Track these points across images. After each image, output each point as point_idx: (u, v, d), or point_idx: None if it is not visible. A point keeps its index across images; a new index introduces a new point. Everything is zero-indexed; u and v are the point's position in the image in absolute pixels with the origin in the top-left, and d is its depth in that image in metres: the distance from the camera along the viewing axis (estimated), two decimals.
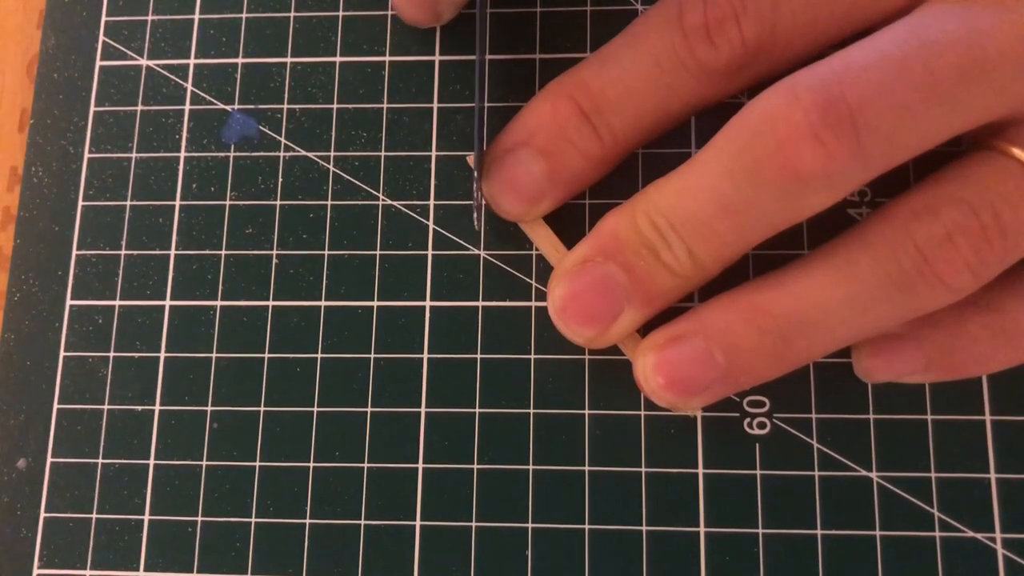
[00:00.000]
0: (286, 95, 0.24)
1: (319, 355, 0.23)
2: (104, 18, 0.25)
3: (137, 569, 0.22)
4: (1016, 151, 0.18)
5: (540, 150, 0.21)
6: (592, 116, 0.20)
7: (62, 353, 0.23)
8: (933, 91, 0.17)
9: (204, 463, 0.22)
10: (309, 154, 0.24)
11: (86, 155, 0.24)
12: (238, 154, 0.24)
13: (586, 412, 0.22)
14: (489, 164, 0.21)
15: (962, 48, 0.17)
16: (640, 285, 0.20)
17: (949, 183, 0.18)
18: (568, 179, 0.21)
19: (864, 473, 0.21)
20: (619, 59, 0.20)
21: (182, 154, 0.24)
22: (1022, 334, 0.19)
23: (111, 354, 0.23)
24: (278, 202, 0.24)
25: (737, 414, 0.22)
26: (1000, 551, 0.20)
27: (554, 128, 0.21)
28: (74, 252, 0.24)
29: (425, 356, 0.22)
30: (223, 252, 0.23)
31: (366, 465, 0.22)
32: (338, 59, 0.24)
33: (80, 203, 0.24)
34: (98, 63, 0.25)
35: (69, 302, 0.23)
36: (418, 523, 0.21)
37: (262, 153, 0.24)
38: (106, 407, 0.23)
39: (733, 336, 0.19)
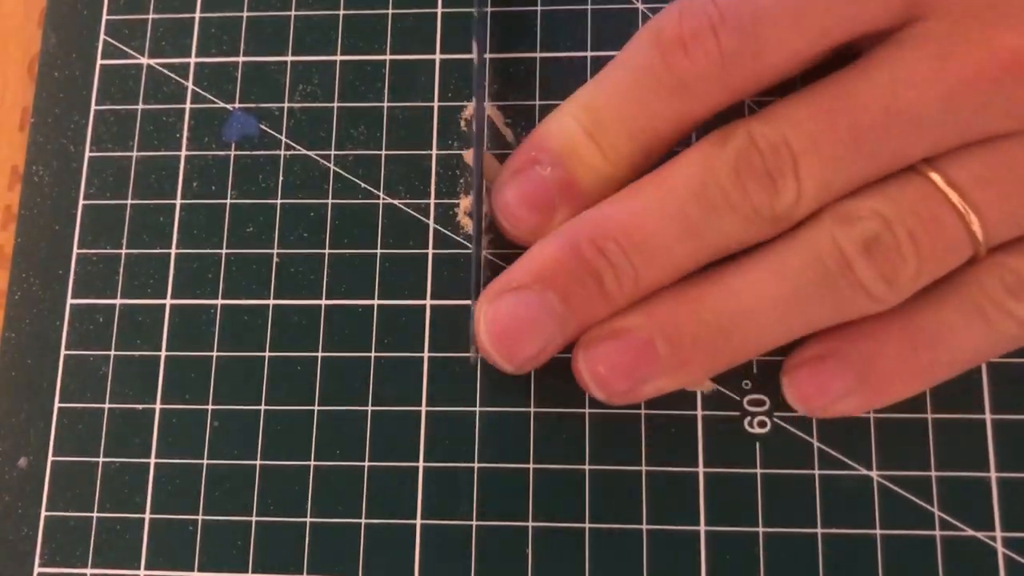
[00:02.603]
0: (287, 93, 0.24)
1: (319, 354, 0.23)
2: (105, 17, 0.25)
3: (138, 568, 0.22)
4: (933, 175, 0.19)
5: (551, 161, 0.21)
6: (595, 135, 0.20)
7: (63, 352, 0.23)
8: (856, 144, 0.18)
9: (205, 462, 0.22)
10: (310, 152, 0.24)
11: (87, 154, 0.24)
12: (239, 152, 0.24)
13: (586, 411, 0.22)
14: (501, 184, 0.21)
15: (881, 104, 0.18)
16: (574, 313, 0.20)
17: (871, 197, 0.19)
18: (580, 193, 0.21)
19: (864, 472, 0.21)
20: (609, 81, 0.21)
21: (183, 153, 0.24)
22: (937, 334, 0.19)
23: (112, 353, 0.23)
24: (279, 201, 0.24)
25: (737, 413, 0.22)
26: (1000, 550, 0.20)
27: (561, 143, 0.21)
28: (75, 251, 0.24)
29: (426, 355, 0.22)
30: (224, 251, 0.23)
31: (367, 464, 0.22)
32: (339, 57, 0.24)
33: (81, 202, 0.24)
34: (99, 62, 0.25)
35: (70, 301, 0.23)
36: (419, 522, 0.21)
37: (263, 152, 0.24)
38: (107, 406, 0.23)
39: (675, 326, 0.19)
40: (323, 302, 0.23)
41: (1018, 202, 0.19)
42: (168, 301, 0.23)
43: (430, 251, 0.23)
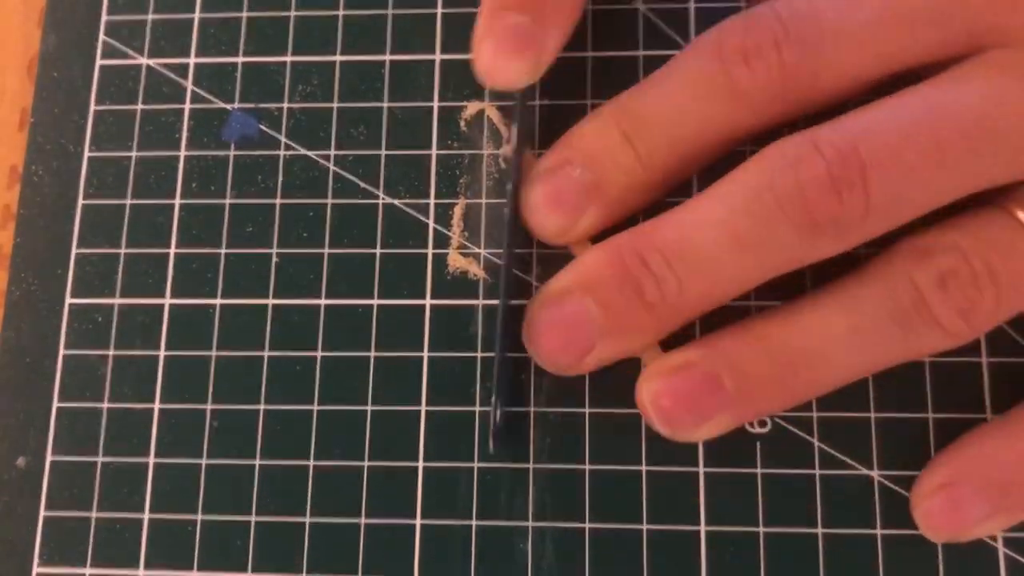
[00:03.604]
0: (286, 94, 0.24)
1: (319, 353, 0.23)
2: (104, 17, 0.25)
3: (137, 567, 0.22)
4: (1017, 211, 0.18)
5: (583, 162, 0.20)
6: (633, 138, 0.20)
7: (62, 351, 0.23)
8: (938, 157, 0.17)
9: (204, 461, 0.22)
10: (309, 152, 0.24)
11: (86, 154, 0.24)
12: (238, 153, 0.24)
13: (586, 411, 0.22)
14: (531, 183, 0.21)
15: (972, 118, 0.17)
16: (614, 322, 0.19)
17: (947, 231, 0.19)
18: (612, 199, 0.20)
19: (865, 472, 0.21)
20: (659, 86, 0.20)
21: (182, 153, 0.24)
22: None
23: (111, 352, 0.23)
24: (278, 200, 0.24)
25: None
26: (1001, 550, 0.20)
27: (596, 144, 0.20)
28: (74, 250, 0.24)
29: (425, 354, 0.22)
30: (223, 250, 0.23)
31: (366, 463, 0.22)
32: (338, 58, 0.24)
33: (80, 201, 0.24)
34: (98, 62, 0.25)
35: (69, 300, 0.23)
36: (418, 521, 0.21)
37: (262, 152, 0.24)
38: (106, 405, 0.23)
39: (742, 363, 0.19)
40: (323, 302, 0.23)
41: None
42: (167, 301, 0.23)
43: (430, 251, 0.23)
